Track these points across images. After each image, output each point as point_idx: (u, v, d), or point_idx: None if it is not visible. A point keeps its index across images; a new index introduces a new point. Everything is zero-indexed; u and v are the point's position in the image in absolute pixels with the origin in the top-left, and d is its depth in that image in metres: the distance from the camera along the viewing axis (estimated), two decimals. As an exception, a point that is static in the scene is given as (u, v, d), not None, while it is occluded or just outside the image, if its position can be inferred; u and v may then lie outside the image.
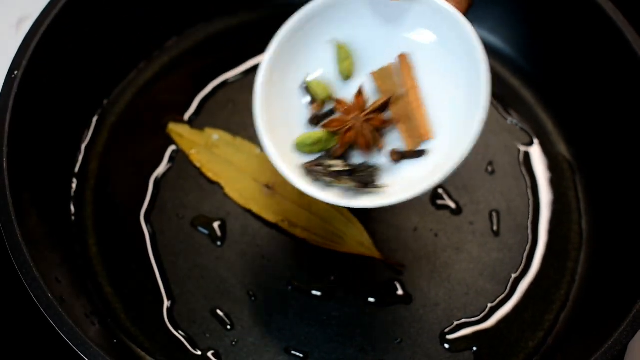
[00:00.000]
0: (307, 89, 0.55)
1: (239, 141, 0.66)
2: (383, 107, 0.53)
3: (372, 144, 0.53)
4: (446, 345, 0.60)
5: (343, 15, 0.55)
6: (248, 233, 0.63)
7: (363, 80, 0.55)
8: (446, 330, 0.60)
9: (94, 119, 0.67)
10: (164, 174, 0.65)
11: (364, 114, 0.53)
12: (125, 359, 0.57)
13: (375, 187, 0.53)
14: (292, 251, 0.62)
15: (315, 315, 0.60)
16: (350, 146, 0.54)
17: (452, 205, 0.65)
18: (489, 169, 0.67)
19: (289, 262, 0.62)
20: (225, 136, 0.66)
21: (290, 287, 0.61)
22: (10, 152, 0.55)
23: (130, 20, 0.67)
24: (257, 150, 0.66)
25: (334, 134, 0.53)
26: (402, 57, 0.54)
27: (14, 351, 0.62)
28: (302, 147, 0.54)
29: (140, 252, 0.62)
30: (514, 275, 0.62)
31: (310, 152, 0.54)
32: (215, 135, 0.66)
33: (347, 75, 0.55)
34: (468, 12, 0.54)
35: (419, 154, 0.53)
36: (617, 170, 0.64)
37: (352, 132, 0.53)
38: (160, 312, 0.60)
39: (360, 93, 0.54)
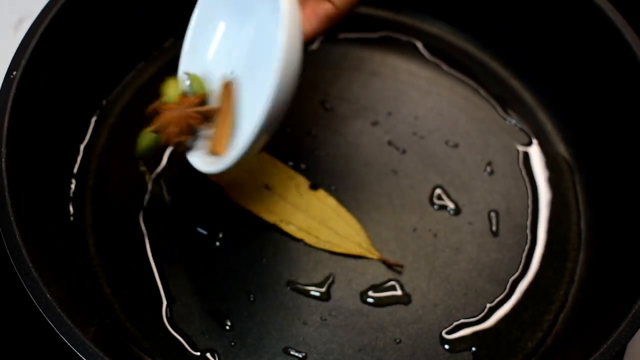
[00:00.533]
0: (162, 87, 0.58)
1: (238, 141, 0.66)
2: (205, 113, 0.56)
3: (177, 137, 0.56)
4: (445, 346, 0.60)
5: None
6: (247, 233, 0.63)
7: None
8: (445, 330, 0.60)
9: (93, 120, 0.67)
10: (163, 174, 0.65)
11: (185, 109, 0.56)
12: (124, 359, 0.57)
13: None
14: (290, 251, 0.62)
15: (314, 315, 0.60)
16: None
17: (451, 205, 0.65)
18: (488, 169, 0.67)
19: (287, 263, 0.62)
20: (224, 136, 0.66)
21: (288, 288, 0.61)
22: (9, 152, 0.55)
23: (129, 21, 0.67)
24: (256, 151, 0.66)
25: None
26: (224, 85, 0.56)
27: (14, 351, 0.62)
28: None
29: (139, 252, 0.62)
30: (513, 276, 0.62)
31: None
32: (214, 135, 0.66)
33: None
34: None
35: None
36: (617, 170, 0.64)
37: (166, 120, 0.56)
38: (159, 313, 0.60)
39: (201, 94, 0.57)
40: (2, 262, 0.56)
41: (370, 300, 0.61)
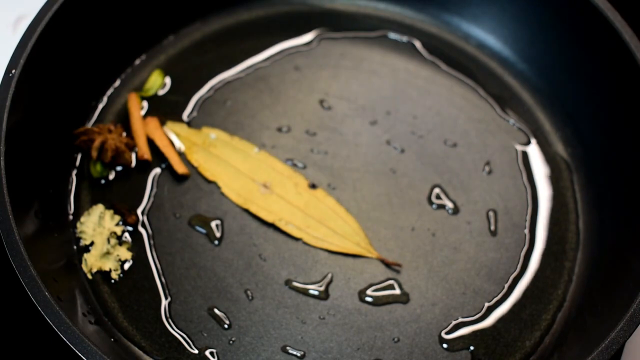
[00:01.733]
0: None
1: (236, 141, 0.66)
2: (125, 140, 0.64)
3: (117, 156, 0.64)
4: (444, 345, 0.60)
5: None
6: (245, 232, 0.63)
7: None
8: (444, 329, 0.60)
9: (92, 118, 0.67)
10: (162, 174, 0.65)
11: (107, 135, 0.63)
12: (122, 357, 0.57)
13: None
14: (289, 250, 0.62)
15: (312, 314, 0.60)
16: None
17: (450, 204, 0.65)
18: (487, 168, 0.67)
19: (286, 261, 0.62)
20: (223, 135, 0.66)
21: (287, 286, 0.61)
22: (8, 151, 0.55)
23: (127, 19, 0.67)
24: (254, 150, 0.66)
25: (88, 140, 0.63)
26: (129, 97, 0.65)
27: (12, 350, 0.62)
28: None
29: (138, 251, 0.62)
30: (511, 275, 0.62)
31: None
32: (212, 134, 0.66)
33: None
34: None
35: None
36: (615, 169, 0.64)
37: (98, 145, 0.63)
38: (158, 311, 0.60)
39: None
40: (1, 260, 0.56)
41: (368, 299, 0.61)
